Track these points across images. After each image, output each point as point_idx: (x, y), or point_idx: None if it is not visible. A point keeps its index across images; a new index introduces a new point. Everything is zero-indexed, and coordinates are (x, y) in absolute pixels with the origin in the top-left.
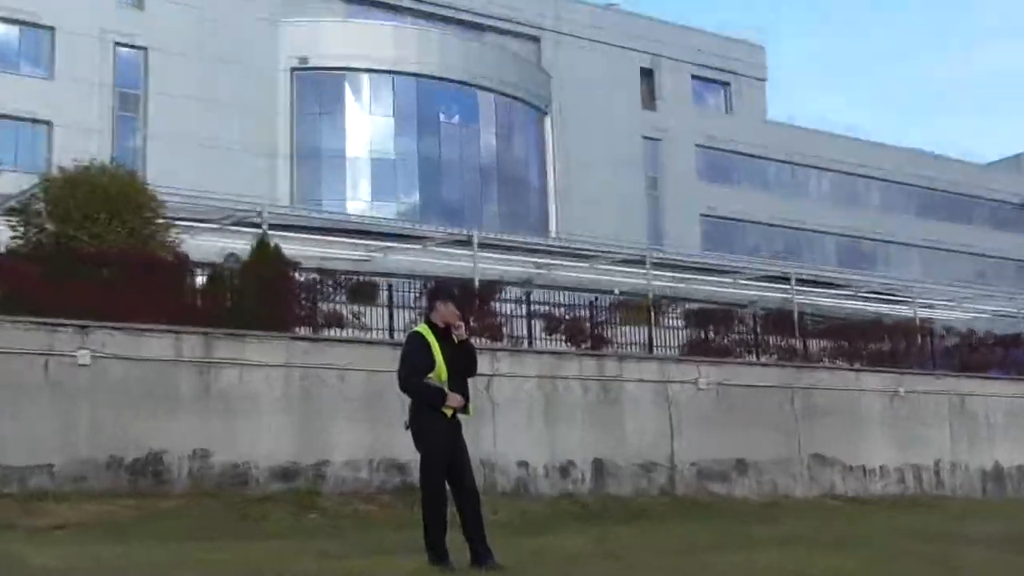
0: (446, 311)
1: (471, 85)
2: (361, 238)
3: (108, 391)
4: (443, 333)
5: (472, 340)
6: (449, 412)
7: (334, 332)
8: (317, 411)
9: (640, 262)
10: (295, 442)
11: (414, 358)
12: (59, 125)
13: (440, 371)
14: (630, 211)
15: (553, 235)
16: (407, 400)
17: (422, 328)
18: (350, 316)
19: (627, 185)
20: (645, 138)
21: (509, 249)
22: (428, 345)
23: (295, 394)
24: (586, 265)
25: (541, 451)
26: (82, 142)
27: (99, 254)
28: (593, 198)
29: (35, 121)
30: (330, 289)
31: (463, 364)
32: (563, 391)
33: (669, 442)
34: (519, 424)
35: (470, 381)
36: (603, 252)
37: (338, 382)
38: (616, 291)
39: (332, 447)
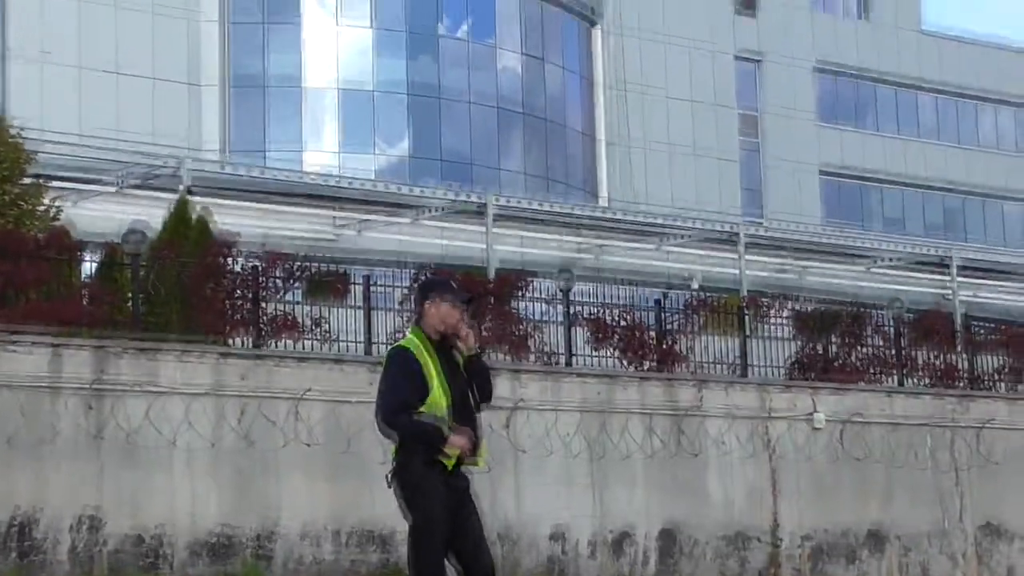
0: (443, 313)
1: None
2: (325, 206)
3: None
4: (441, 346)
5: (485, 355)
6: (451, 461)
7: (285, 344)
8: (261, 459)
9: (730, 241)
10: (229, 503)
11: (399, 385)
12: None
13: (437, 401)
14: (716, 167)
15: (604, 202)
16: (390, 444)
17: (410, 341)
18: (309, 321)
19: (711, 129)
20: (739, 58)
21: (539, 222)
22: (419, 365)
23: (229, 435)
24: (652, 246)
25: (585, 517)
26: None
27: None
28: (662, 148)
29: None
30: (279, 281)
31: (471, 390)
32: (617, 430)
33: (771, 505)
34: (553, 478)
35: (483, 415)
36: (676, 227)
37: (291, 418)
38: (695, 283)
39: (282, 510)
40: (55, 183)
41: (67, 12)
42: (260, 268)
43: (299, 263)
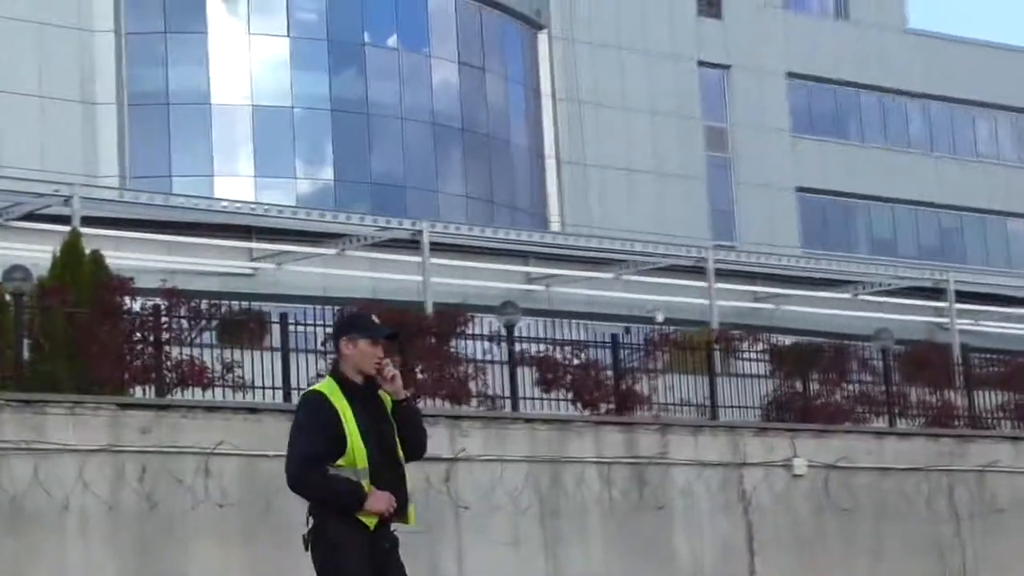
0: (361, 352)
1: None
2: (240, 237)
3: None
4: (362, 391)
5: (418, 399)
6: (372, 521)
7: (193, 394)
8: (166, 523)
9: (698, 270)
10: (131, 574)
11: (309, 436)
12: None
13: (355, 454)
14: (680, 186)
15: (555, 227)
16: (306, 503)
17: (326, 384)
18: (219, 367)
19: (674, 144)
20: (704, 64)
21: (482, 252)
22: (334, 412)
23: (129, 496)
24: (609, 276)
25: None
26: None
27: None
28: (620, 166)
29: None
30: (185, 323)
31: (397, 439)
32: (571, 482)
33: (747, 563)
34: (500, 537)
35: (413, 467)
36: (636, 254)
37: (200, 475)
38: (660, 316)
39: None
40: None
41: None
42: (162, 308)
43: (208, 304)
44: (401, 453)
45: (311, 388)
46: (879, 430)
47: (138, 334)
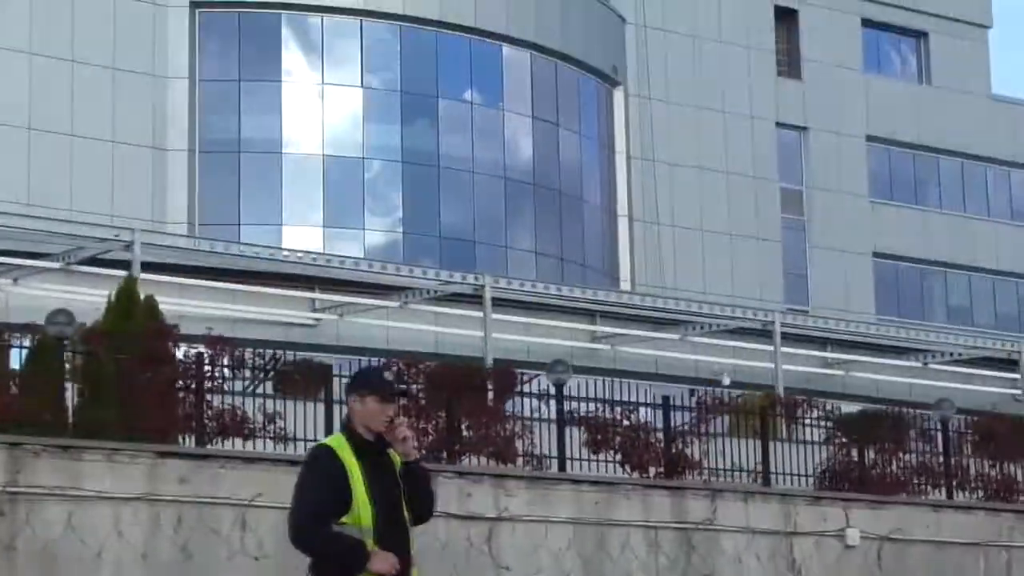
0: (369, 411)
1: (493, 37)
2: (304, 287)
3: None
4: (371, 448)
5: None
6: None
7: (233, 444)
8: (200, 574)
9: (766, 333)
10: None
11: (316, 491)
12: None
13: (361, 511)
14: (755, 248)
15: (626, 286)
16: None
17: (335, 439)
18: (261, 417)
19: (749, 206)
20: (781, 126)
21: (547, 308)
22: (342, 468)
23: (164, 548)
24: (675, 337)
25: None
26: None
27: None
28: (693, 226)
29: None
30: (227, 371)
31: (403, 499)
32: (617, 548)
33: None
34: None
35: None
36: (702, 315)
37: (236, 527)
38: (726, 379)
39: None
40: None
41: (17, 69)
42: (205, 357)
43: (252, 351)
44: (408, 515)
45: (320, 443)
46: (936, 502)
47: (180, 382)
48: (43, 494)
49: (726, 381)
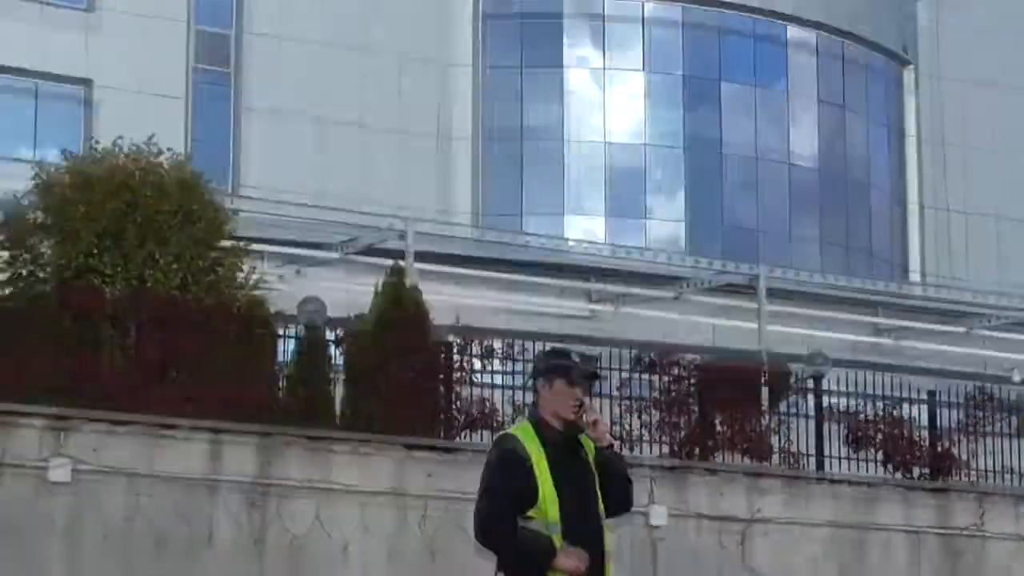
0: (556, 395)
1: (778, 17)
2: (578, 278)
3: (93, 533)
4: (560, 437)
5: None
6: None
7: (481, 437)
8: (447, 573)
9: None
10: None
11: (501, 486)
12: (102, 86)
13: (547, 505)
14: None
15: (915, 277)
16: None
17: (521, 427)
18: (511, 410)
19: None
20: None
21: (833, 301)
22: (526, 459)
23: (410, 545)
24: (961, 331)
25: None
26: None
27: (100, 302)
28: (989, 217)
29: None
30: (477, 362)
31: (595, 490)
32: (877, 553)
33: None
34: None
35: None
36: (993, 308)
37: None
38: (1016, 375)
39: None
40: (268, 248)
41: (312, 61)
42: (457, 347)
43: (502, 341)
44: (602, 506)
45: (504, 432)
46: None
47: (443, 373)
48: (291, 486)
49: (1016, 378)
